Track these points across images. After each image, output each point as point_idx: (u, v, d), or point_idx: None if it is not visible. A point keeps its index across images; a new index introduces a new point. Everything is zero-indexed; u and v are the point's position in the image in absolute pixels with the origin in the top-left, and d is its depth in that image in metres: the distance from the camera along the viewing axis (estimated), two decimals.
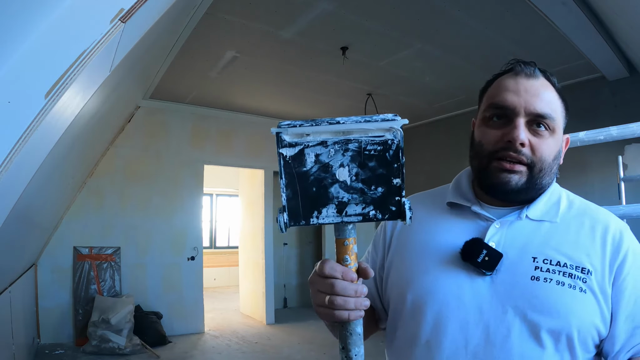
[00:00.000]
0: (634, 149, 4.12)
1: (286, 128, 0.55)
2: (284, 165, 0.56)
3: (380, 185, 0.57)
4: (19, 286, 3.32)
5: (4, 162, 1.20)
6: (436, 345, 0.70)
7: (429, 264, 0.75)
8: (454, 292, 0.71)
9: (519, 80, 0.73)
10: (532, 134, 0.72)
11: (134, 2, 1.28)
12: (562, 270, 0.68)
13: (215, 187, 9.53)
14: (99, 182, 4.88)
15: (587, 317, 0.66)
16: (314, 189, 0.57)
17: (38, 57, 1.16)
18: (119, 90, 3.33)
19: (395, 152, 0.56)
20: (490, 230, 0.74)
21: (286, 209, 0.58)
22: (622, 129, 1.29)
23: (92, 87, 1.93)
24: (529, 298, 0.67)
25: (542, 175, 0.73)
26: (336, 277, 0.58)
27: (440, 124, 6.08)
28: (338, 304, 0.58)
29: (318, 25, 3.40)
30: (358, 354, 0.59)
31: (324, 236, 6.70)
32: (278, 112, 5.94)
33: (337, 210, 0.58)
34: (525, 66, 0.74)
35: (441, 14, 3.23)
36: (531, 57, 3.08)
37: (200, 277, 5.45)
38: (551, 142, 0.73)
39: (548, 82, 0.74)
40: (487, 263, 0.69)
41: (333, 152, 0.56)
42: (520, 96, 0.71)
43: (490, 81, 0.79)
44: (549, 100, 0.72)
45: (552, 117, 0.72)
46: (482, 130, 0.75)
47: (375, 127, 0.55)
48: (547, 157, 0.73)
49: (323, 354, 4.58)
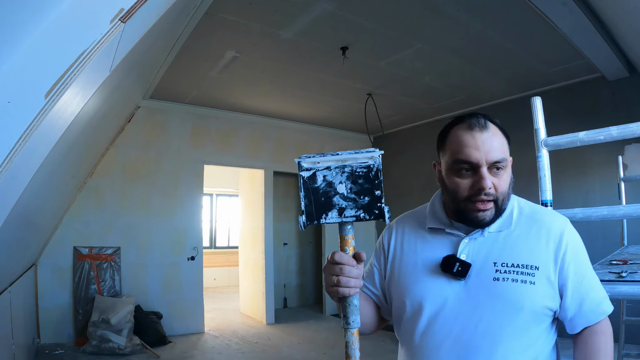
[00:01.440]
0: (634, 149, 4.12)
1: (304, 159, 0.84)
2: (302, 183, 0.84)
3: (367, 195, 0.84)
4: (19, 286, 3.32)
5: (4, 162, 1.20)
6: (430, 335, 0.94)
7: (419, 275, 0.99)
8: (440, 295, 0.94)
9: (475, 134, 0.92)
10: (493, 175, 0.92)
11: (134, 2, 1.28)
12: (515, 270, 0.91)
13: (215, 187, 9.53)
14: (99, 182, 4.88)
15: (537, 301, 0.90)
16: (322, 199, 0.84)
17: (38, 57, 1.15)
18: (119, 90, 3.33)
19: (376, 172, 0.83)
20: (461, 245, 0.96)
21: (304, 212, 0.85)
22: (622, 129, 1.29)
23: (92, 87, 1.93)
24: (492, 294, 0.90)
25: (504, 202, 0.95)
26: (343, 263, 0.84)
27: (440, 124, 6.03)
28: (343, 282, 0.83)
29: (318, 25, 3.40)
30: (355, 321, 0.84)
31: (324, 237, 6.70)
32: (278, 112, 5.94)
33: (338, 213, 0.84)
34: (477, 119, 0.93)
35: (441, 14, 3.23)
36: (531, 57, 3.08)
37: (200, 277, 5.45)
38: (505, 176, 0.94)
39: (495, 128, 0.94)
40: (460, 272, 0.93)
41: (335, 174, 0.84)
42: (479, 150, 0.91)
43: (444, 132, 0.99)
44: (499, 146, 0.92)
45: (504, 158, 0.93)
46: (454, 180, 0.95)
47: (362, 157, 0.83)
48: (505, 189, 0.94)
49: (323, 354, 4.58)
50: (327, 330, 5.64)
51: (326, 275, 0.87)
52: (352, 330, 0.84)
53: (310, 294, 7.51)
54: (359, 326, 0.85)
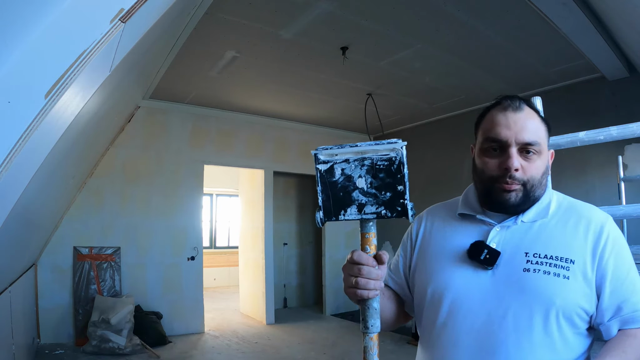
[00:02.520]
0: (634, 149, 4.12)
1: (321, 150, 0.78)
2: (319, 176, 0.78)
3: (389, 191, 0.77)
4: (19, 286, 3.32)
5: (4, 162, 1.20)
6: (451, 326, 0.89)
7: (444, 263, 0.94)
8: (464, 285, 0.89)
9: (507, 114, 0.89)
10: (523, 159, 0.88)
11: (134, 2, 1.28)
12: (548, 262, 0.84)
13: (215, 187, 9.53)
14: (99, 182, 4.88)
15: (570, 298, 0.82)
16: (341, 194, 0.78)
17: (38, 57, 1.15)
18: (119, 90, 3.33)
19: (398, 166, 0.75)
20: (492, 233, 0.91)
21: (322, 208, 0.79)
22: (622, 129, 1.29)
23: (92, 87, 1.93)
24: (521, 286, 0.84)
25: (534, 189, 0.89)
26: (362, 263, 0.77)
27: (440, 124, 6.08)
28: (362, 284, 0.77)
29: (318, 25, 3.40)
30: (374, 325, 0.78)
31: (324, 237, 6.70)
32: (278, 112, 5.94)
33: (357, 209, 0.78)
34: (511, 101, 0.90)
35: (441, 14, 3.23)
36: (531, 57, 3.07)
37: (200, 277, 5.45)
38: (539, 162, 0.89)
39: (532, 112, 0.91)
40: (488, 260, 0.87)
41: (354, 167, 0.77)
42: (510, 129, 0.87)
43: (482, 114, 0.96)
44: (534, 129, 0.88)
45: (538, 142, 0.88)
46: (483, 160, 0.92)
47: (383, 149, 0.76)
48: (537, 175, 0.89)
49: (323, 354, 4.58)
50: (327, 330, 5.64)
51: (345, 276, 0.82)
52: (371, 335, 0.79)
53: (310, 294, 7.51)
54: (379, 330, 0.80)
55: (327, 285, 6.63)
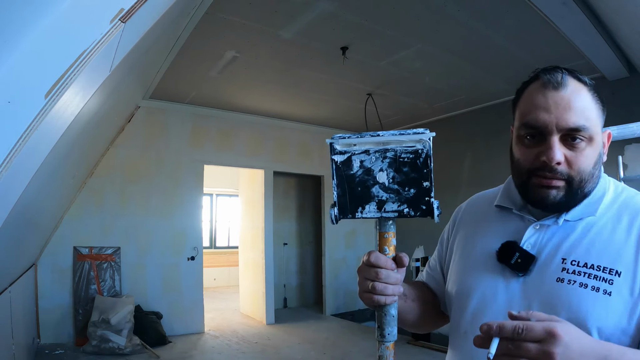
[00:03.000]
0: (634, 149, 4.12)
1: (337, 140, 0.69)
2: (335, 169, 0.70)
3: (413, 187, 0.69)
4: (19, 286, 3.32)
5: (4, 162, 1.19)
6: (470, 337, 0.75)
7: (472, 263, 0.82)
8: (490, 292, 0.77)
9: (547, 94, 0.72)
10: (568, 148, 0.71)
11: (134, 2, 1.28)
12: (587, 272, 0.68)
13: (215, 187, 9.53)
14: (99, 182, 4.88)
15: (609, 319, 0.65)
16: (359, 188, 0.70)
17: (38, 57, 1.15)
18: (119, 90, 3.33)
19: (425, 159, 0.67)
20: (528, 232, 0.77)
21: (337, 204, 0.71)
22: (622, 129, 1.29)
23: (92, 87, 1.93)
24: (551, 299, 0.70)
25: (584, 184, 0.73)
26: (380, 266, 0.69)
27: (440, 124, 6.08)
28: (379, 289, 0.69)
29: (318, 25, 3.40)
30: (391, 333, 0.71)
31: (324, 237, 6.70)
32: (278, 112, 5.94)
33: (377, 207, 0.70)
34: (552, 75, 0.72)
35: (441, 14, 3.23)
36: (531, 57, 3.07)
37: (200, 277, 5.45)
38: (589, 151, 0.71)
39: (579, 85, 0.72)
40: (519, 265, 0.74)
41: (374, 159, 0.69)
42: (550, 113, 0.70)
43: (519, 90, 0.79)
44: (581, 109, 0.70)
45: (586, 126, 0.70)
46: (519, 148, 0.76)
47: (408, 139, 0.67)
48: (586, 167, 0.72)
49: (323, 354, 4.58)
50: (327, 330, 5.64)
51: (360, 279, 0.73)
52: (387, 344, 0.71)
53: (310, 294, 7.51)
54: (395, 339, 0.71)
55: (327, 285, 6.63)
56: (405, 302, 0.87)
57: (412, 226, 6.20)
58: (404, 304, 0.87)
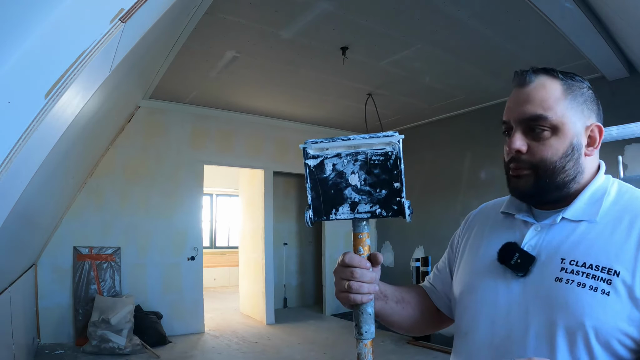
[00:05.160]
0: (634, 149, 4.12)
1: (310, 144, 0.72)
2: (309, 172, 0.72)
3: (384, 188, 0.71)
4: (19, 286, 3.32)
5: (4, 162, 1.19)
6: (471, 338, 0.79)
7: (475, 266, 0.84)
8: (490, 292, 0.78)
9: (514, 92, 0.78)
10: (531, 139, 0.75)
11: (134, 2, 1.28)
12: (586, 272, 0.68)
13: (215, 187, 9.53)
14: (99, 182, 4.88)
15: (608, 319, 0.65)
16: (332, 191, 0.73)
17: (38, 57, 1.15)
18: (119, 90, 3.33)
19: (395, 161, 0.70)
20: (529, 233, 0.78)
21: (311, 207, 0.73)
22: (622, 129, 1.29)
23: (92, 87, 1.93)
24: (550, 299, 0.70)
25: (552, 174, 0.74)
26: (354, 266, 0.72)
27: (440, 124, 6.08)
28: (354, 288, 0.72)
29: (318, 25, 3.40)
30: (368, 331, 0.73)
31: (324, 237, 6.70)
32: (278, 112, 5.94)
33: (350, 208, 0.73)
34: (520, 76, 0.77)
35: (441, 14, 3.23)
36: (531, 57, 3.07)
37: (200, 277, 5.45)
38: (553, 141, 0.74)
39: (548, 81, 0.75)
40: (519, 265, 0.75)
41: (346, 162, 0.71)
42: (512, 109, 0.77)
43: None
44: (541, 100, 0.74)
45: (546, 116, 0.73)
46: (504, 145, 0.81)
47: (377, 142, 0.70)
48: (550, 156, 0.74)
49: (323, 354, 4.58)
50: (327, 330, 5.64)
51: (336, 279, 0.76)
52: (365, 342, 0.74)
53: (310, 294, 7.51)
54: (373, 337, 0.74)
55: (327, 285, 6.63)
56: (386, 303, 0.88)
57: (412, 227, 6.20)
58: (385, 305, 0.88)
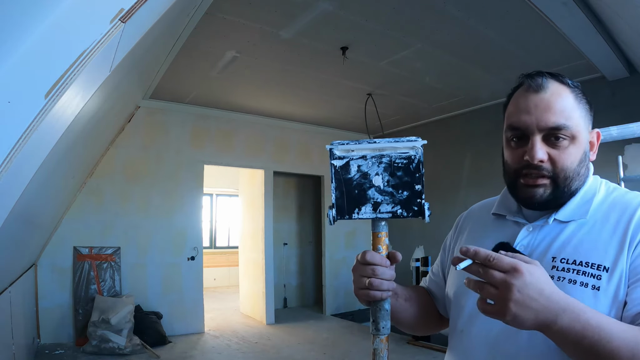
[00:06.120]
0: (634, 149, 4.12)
1: (337, 145, 0.76)
2: (334, 172, 0.76)
3: (406, 190, 0.75)
4: (19, 286, 3.32)
5: (4, 162, 1.20)
6: (467, 335, 0.82)
7: None
8: None
9: (529, 97, 0.77)
10: (551, 147, 0.75)
11: (134, 2, 1.28)
12: (576, 269, 0.71)
13: (215, 187, 9.53)
14: (99, 182, 4.88)
15: None
16: (356, 191, 0.76)
17: (38, 57, 1.15)
18: (119, 90, 3.33)
19: (417, 164, 0.74)
20: (521, 234, 0.81)
21: (335, 206, 0.77)
22: (622, 129, 1.29)
23: (92, 87, 1.93)
24: None
25: (569, 182, 0.76)
26: (375, 264, 0.75)
27: (440, 124, 6.08)
28: (375, 285, 0.74)
29: (318, 25, 3.40)
30: (385, 327, 0.76)
31: (324, 237, 6.70)
32: (278, 112, 5.94)
33: (372, 208, 0.76)
34: (533, 80, 0.77)
35: (441, 14, 3.23)
36: (531, 57, 3.07)
37: (200, 277, 5.45)
38: (572, 149, 0.75)
39: (560, 88, 0.76)
40: None
41: (370, 164, 0.76)
42: (531, 114, 0.75)
43: (509, 96, 0.84)
44: (561, 110, 0.74)
45: (567, 125, 0.74)
46: (507, 150, 0.81)
47: (402, 146, 0.75)
48: (570, 165, 0.75)
49: (323, 354, 4.58)
50: (327, 330, 5.64)
51: (355, 277, 0.79)
52: (382, 337, 0.76)
53: (310, 294, 7.51)
54: (389, 332, 0.76)
55: (327, 285, 6.64)
56: (397, 300, 0.91)
57: (412, 227, 6.20)
58: (396, 302, 0.91)
